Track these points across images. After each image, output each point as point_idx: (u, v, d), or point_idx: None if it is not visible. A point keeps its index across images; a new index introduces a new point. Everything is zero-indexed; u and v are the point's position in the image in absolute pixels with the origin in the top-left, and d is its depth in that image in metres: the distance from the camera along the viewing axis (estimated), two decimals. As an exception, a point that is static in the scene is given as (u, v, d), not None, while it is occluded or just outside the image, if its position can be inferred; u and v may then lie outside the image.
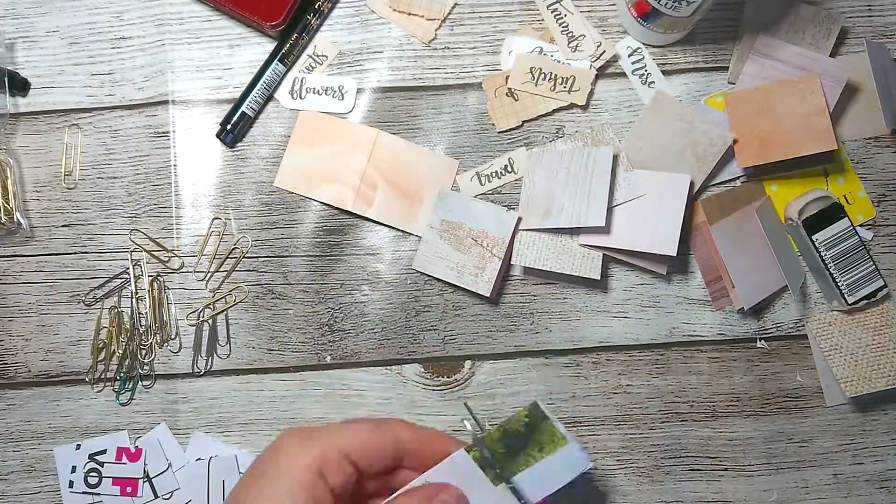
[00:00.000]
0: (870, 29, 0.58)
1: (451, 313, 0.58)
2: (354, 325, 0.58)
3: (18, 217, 0.57)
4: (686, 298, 0.58)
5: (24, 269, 0.58)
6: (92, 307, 0.57)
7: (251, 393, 0.57)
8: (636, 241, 0.54)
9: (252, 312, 0.57)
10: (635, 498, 0.58)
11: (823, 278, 0.56)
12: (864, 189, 0.58)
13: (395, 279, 0.58)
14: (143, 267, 0.57)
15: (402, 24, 0.58)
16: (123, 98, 0.58)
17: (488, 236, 0.55)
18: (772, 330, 0.58)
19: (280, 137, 0.58)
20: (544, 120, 0.58)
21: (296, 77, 0.58)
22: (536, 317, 0.58)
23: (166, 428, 0.57)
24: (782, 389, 0.58)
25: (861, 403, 0.58)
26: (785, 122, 0.55)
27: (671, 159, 0.56)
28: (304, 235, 0.58)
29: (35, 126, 0.58)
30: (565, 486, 0.44)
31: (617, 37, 0.58)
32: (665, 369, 0.58)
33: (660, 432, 0.58)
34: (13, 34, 0.58)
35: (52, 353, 0.57)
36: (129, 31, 0.58)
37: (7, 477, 0.57)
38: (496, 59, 0.58)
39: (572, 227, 0.54)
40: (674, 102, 0.56)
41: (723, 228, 0.56)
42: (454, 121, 0.58)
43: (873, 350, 0.56)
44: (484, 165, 0.57)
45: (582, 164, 0.54)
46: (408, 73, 0.58)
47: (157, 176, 0.58)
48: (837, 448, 0.58)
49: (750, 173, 0.57)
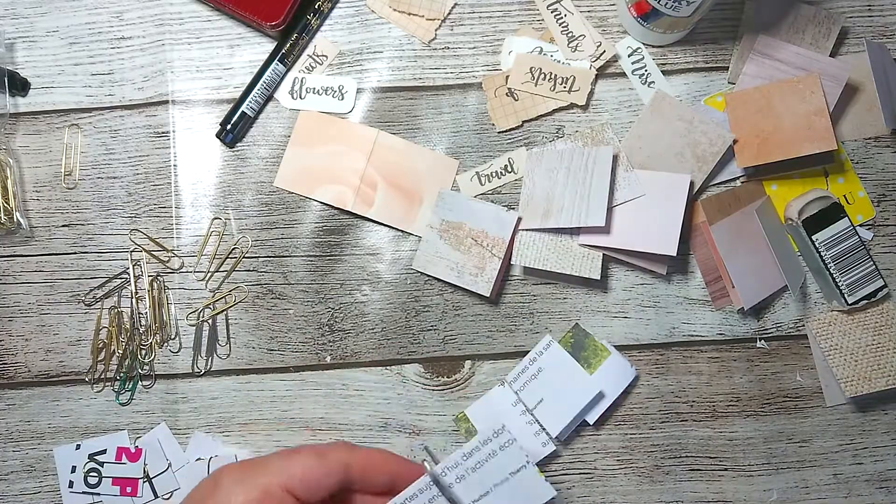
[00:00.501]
0: (870, 29, 0.58)
1: (451, 313, 0.58)
2: (354, 325, 0.58)
3: (18, 217, 0.57)
4: (686, 298, 0.58)
5: (24, 269, 0.58)
6: (92, 307, 0.57)
7: (251, 393, 0.57)
8: (636, 241, 0.54)
9: (252, 312, 0.57)
10: (635, 498, 0.58)
11: (823, 278, 0.56)
12: (863, 189, 0.58)
13: (395, 279, 0.58)
14: (143, 267, 0.57)
15: (402, 24, 0.58)
16: (123, 98, 0.58)
17: (488, 236, 0.55)
18: (772, 330, 0.58)
19: (280, 137, 0.58)
20: (544, 120, 0.58)
21: (296, 77, 0.58)
22: (536, 317, 0.58)
23: (166, 428, 0.57)
24: (782, 389, 0.58)
25: (861, 403, 0.58)
26: (785, 122, 0.55)
27: (671, 159, 0.56)
28: (304, 235, 0.58)
29: (35, 126, 0.58)
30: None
31: (617, 37, 0.58)
32: (665, 369, 0.58)
33: (660, 432, 0.58)
34: (13, 34, 0.58)
35: (52, 353, 0.57)
36: (128, 31, 0.58)
37: (7, 477, 0.57)
38: (496, 59, 0.58)
39: (572, 227, 0.54)
40: (674, 102, 0.56)
41: (723, 228, 0.56)
42: (454, 121, 0.58)
43: (873, 350, 0.56)
44: (484, 165, 0.57)
45: (582, 164, 0.54)
46: (408, 73, 0.58)
47: (157, 176, 0.58)
48: (837, 448, 0.58)
49: (750, 173, 0.57)
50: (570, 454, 0.57)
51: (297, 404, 0.57)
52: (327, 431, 0.57)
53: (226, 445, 0.57)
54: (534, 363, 0.56)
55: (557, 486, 0.57)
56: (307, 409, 0.57)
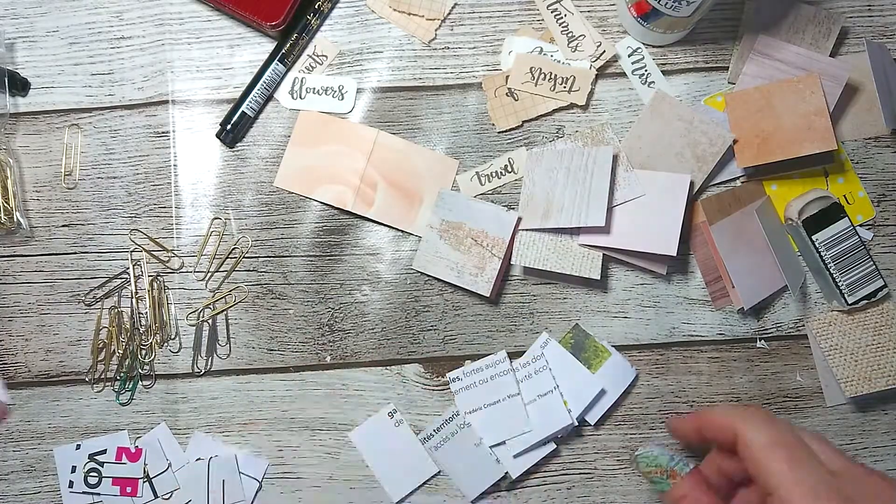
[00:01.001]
0: (870, 29, 0.58)
1: (451, 313, 0.58)
2: (354, 325, 0.58)
3: (18, 217, 0.57)
4: (686, 298, 0.58)
5: (24, 269, 0.58)
6: (92, 307, 0.57)
7: (251, 393, 0.57)
8: (636, 241, 0.54)
9: (252, 312, 0.57)
10: (636, 498, 0.58)
11: (823, 278, 0.56)
12: (863, 189, 0.58)
13: (395, 279, 0.58)
14: (143, 267, 0.57)
15: (402, 24, 0.58)
16: (123, 98, 0.58)
17: (488, 236, 0.55)
18: (772, 330, 0.58)
19: (280, 137, 0.58)
20: (544, 120, 0.58)
21: (296, 77, 0.58)
22: (536, 317, 0.58)
23: (166, 428, 0.57)
24: (782, 389, 0.58)
25: (861, 403, 0.58)
26: (785, 122, 0.55)
27: (671, 159, 0.56)
28: (304, 235, 0.58)
29: (35, 126, 0.58)
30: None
31: (617, 37, 0.58)
32: (665, 369, 0.58)
33: (660, 432, 0.58)
34: (13, 34, 0.58)
35: (52, 353, 0.57)
36: (128, 31, 0.58)
37: (7, 477, 0.57)
38: (496, 59, 0.58)
39: (572, 227, 0.54)
40: (673, 102, 0.56)
41: (723, 228, 0.56)
42: (454, 121, 0.58)
43: (873, 350, 0.56)
44: (484, 165, 0.57)
45: (582, 164, 0.54)
46: (408, 73, 0.58)
47: (157, 176, 0.58)
48: (838, 448, 0.58)
49: (750, 173, 0.57)
50: (570, 454, 0.57)
51: (297, 404, 0.57)
52: (327, 431, 0.57)
53: (226, 445, 0.57)
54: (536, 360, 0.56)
55: (558, 486, 0.57)
56: (307, 409, 0.57)
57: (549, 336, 0.56)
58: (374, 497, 0.57)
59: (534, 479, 0.57)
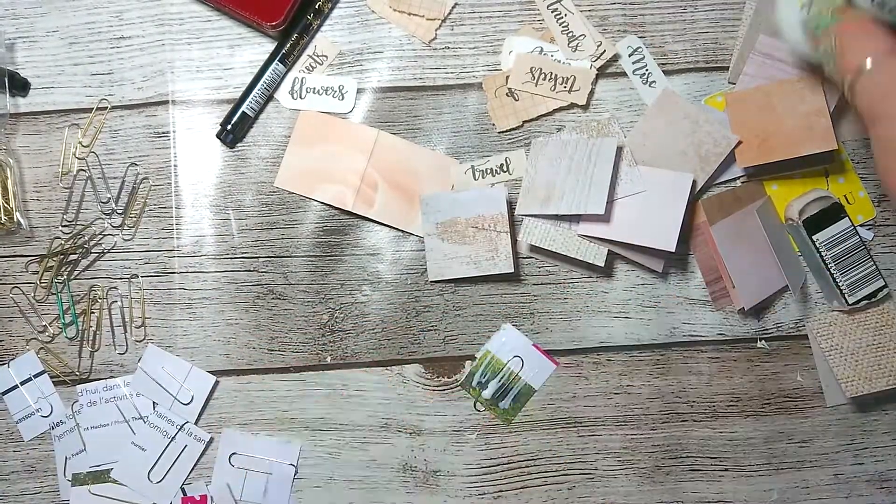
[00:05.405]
0: (870, 29, 0.58)
1: (452, 313, 0.58)
2: (355, 326, 0.58)
3: (18, 217, 0.57)
4: (686, 298, 0.58)
5: (24, 270, 0.58)
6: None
7: (251, 393, 0.57)
8: (635, 235, 0.54)
9: (252, 313, 0.57)
10: (636, 498, 0.58)
11: (824, 278, 0.56)
12: (864, 189, 0.58)
13: (395, 279, 0.58)
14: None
15: (403, 24, 0.58)
16: (123, 98, 0.58)
17: (486, 218, 0.55)
18: (772, 330, 0.58)
19: (280, 137, 0.58)
20: (545, 120, 0.58)
21: (296, 77, 0.58)
22: (536, 317, 0.58)
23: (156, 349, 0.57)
24: (782, 389, 0.58)
25: (861, 403, 0.58)
26: (785, 122, 0.55)
27: (674, 158, 0.56)
28: (305, 235, 0.58)
29: (35, 126, 0.58)
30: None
31: (617, 36, 0.58)
32: (665, 369, 0.58)
33: (660, 433, 0.58)
34: (13, 34, 0.58)
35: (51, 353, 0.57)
36: (128, 31, 0.58)
37: (7, 477, 0.57)
38: (496, 59, 0.58)
39: (573, 216, 0.54)
40: (681, 101, 0.56)
41: (723, 228, 0.56)
42: (454, 121, 0.58)
43: (874, 350, 0.56)
44: (480, 161, 0.57)
45: (585, 153, 0.54)
46: (408, 73, 0.58)
47: (157, 176, 0.58)
48: (838, 448, 0.58)
49: (750, 173, 0.57)
50: (570, 454, 0.58)
51: (298, 404, 0.57)
52: (327, 431, 0.57)
53: (255, 440, 0.57)
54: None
55: (558, 486, 0.57)
56: (307, 409, 0.57)
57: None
58: (375, 497, 0.57)
59: (534, 479, 0.57)
